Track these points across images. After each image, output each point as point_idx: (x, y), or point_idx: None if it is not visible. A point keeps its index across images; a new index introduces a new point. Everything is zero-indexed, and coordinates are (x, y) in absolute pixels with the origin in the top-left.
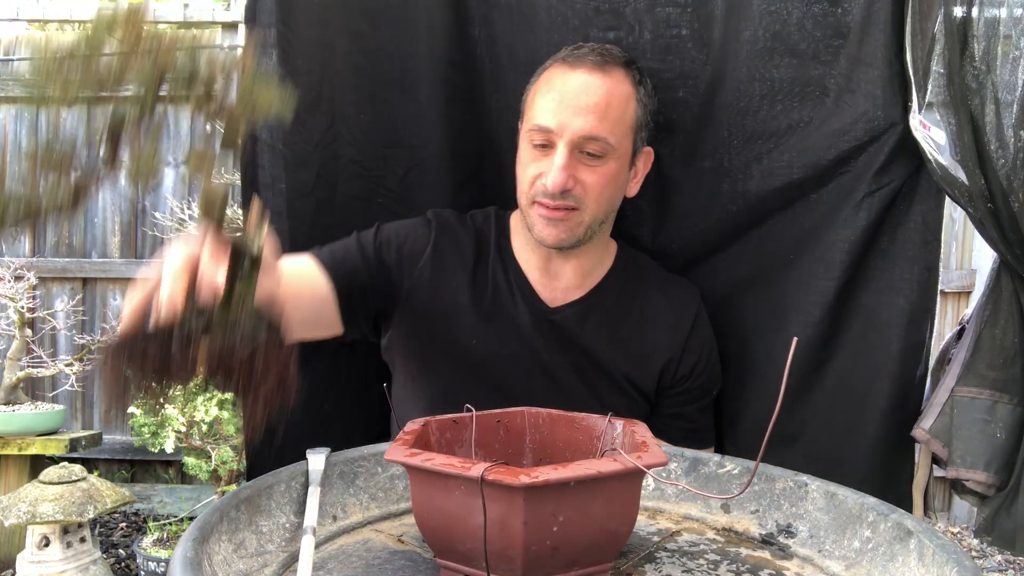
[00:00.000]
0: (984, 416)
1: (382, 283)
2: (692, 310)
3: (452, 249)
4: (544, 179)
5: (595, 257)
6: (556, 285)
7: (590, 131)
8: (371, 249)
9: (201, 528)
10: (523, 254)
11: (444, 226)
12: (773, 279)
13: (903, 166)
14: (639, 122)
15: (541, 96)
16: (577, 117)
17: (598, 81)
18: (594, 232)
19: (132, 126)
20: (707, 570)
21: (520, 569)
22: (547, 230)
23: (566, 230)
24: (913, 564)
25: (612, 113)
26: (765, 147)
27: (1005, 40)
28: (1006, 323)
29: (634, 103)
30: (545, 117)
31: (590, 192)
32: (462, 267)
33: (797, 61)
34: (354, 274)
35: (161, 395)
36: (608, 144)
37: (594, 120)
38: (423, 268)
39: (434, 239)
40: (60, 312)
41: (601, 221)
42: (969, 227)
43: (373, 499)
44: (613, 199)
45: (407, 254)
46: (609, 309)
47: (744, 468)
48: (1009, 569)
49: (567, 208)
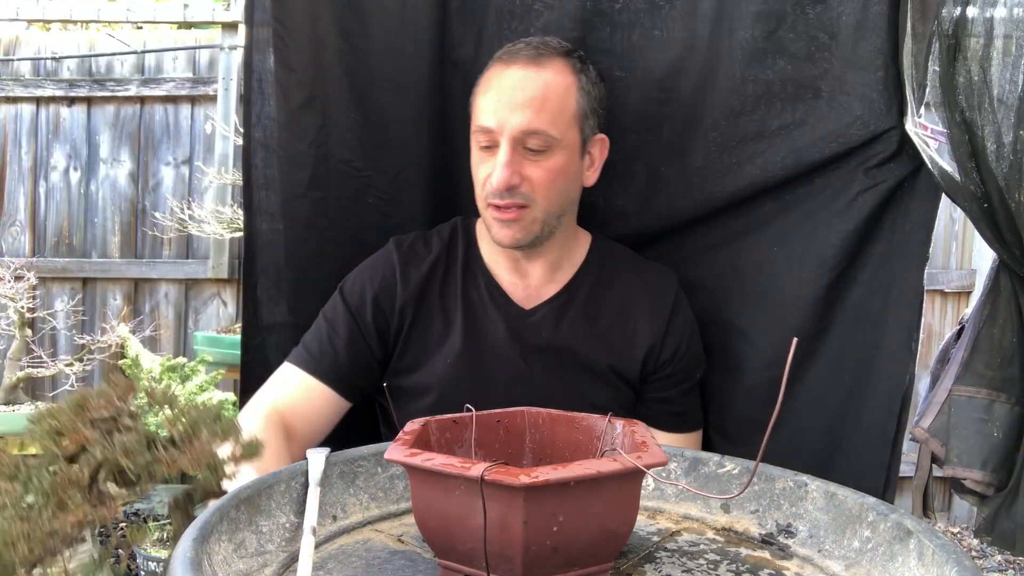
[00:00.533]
0: (981, 415)
1: (379, 344)
2: (671, 294)
3: (418, 274)
4: (491, 179)
5: (563, 251)
6: (528, 283)
7: (528, 126)
8: (356, 324)
9: (201, 528)
10: (492, 258)
11: (407, 254)
12: (760, 273)
13: (899, 166)
14: (583, 110)
15: (481, 97)
16: (514, 114)
17: (532, 75)
18: (552, 227)
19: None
20: (707, 570)
21: (520, 569)
22: (502, 232)
23: (520, 229)
24: (913, 564)
25: (550, 105)
26: (758, 147)
27: (1002, 41)
28: (1004, 323)
29: (575, 92)
30: (486, 117)
31: (538, 187)
32: (431, 290)
33: (790, 62)
34: (358, 364)
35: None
36: (550, 137)
37: (531, 114)
38: (403, 306)
39: (400, 272)
40: (60, 312)
41: (558, 215)
42: (969, 227)
43: (373, 499)
44: (566, 191)
45: (384, 301)
46: (586, 302)
47: (744, 468)
48: (1009, 569)
49: (517, 207)
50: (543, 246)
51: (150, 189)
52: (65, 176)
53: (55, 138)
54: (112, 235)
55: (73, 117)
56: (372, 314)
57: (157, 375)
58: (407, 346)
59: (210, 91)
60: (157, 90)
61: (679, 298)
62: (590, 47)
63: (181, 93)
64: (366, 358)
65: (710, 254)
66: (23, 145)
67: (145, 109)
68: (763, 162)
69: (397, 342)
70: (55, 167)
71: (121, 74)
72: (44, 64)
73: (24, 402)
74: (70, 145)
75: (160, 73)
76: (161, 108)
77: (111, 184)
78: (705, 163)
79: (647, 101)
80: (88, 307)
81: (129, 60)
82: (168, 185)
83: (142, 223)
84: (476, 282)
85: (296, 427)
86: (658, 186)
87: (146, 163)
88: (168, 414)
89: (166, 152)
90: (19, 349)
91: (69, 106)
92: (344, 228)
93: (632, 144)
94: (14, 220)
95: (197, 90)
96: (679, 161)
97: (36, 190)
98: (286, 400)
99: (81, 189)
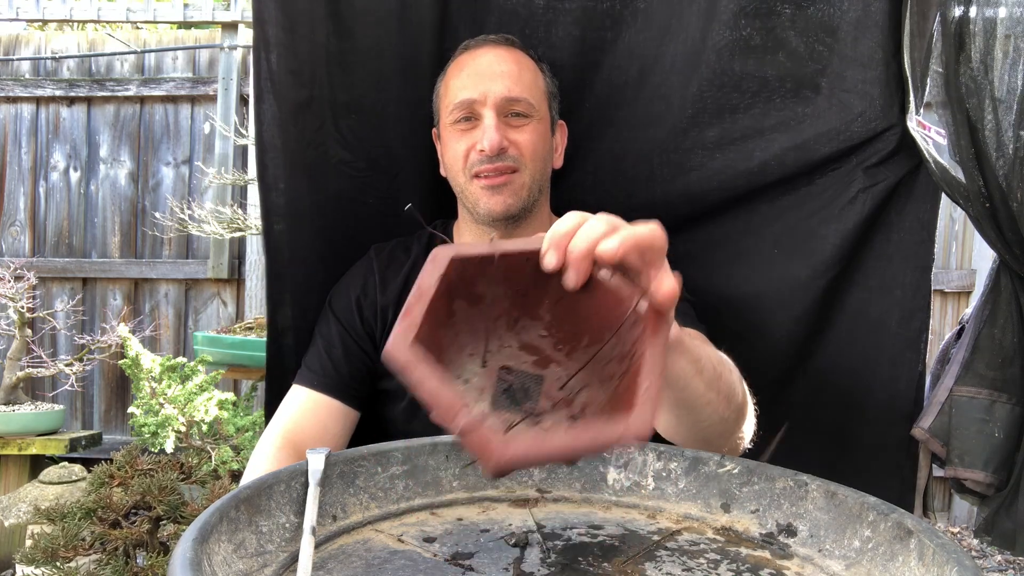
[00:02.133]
0: (982, 415)
1: (372, 347)
2: None
3: (398, 278)
4: (480, 145)
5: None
6: None
7: (510, 92)
8: (348, 332)
9: (200, 528)
10: None
11: (387, 260)
12: (758, 273)
13: (899, 165)
14: (550, 91)
15: (455, 80)
16: (495, 82)
17: (506, 53)
18: (535, 198)
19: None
20: (707, 569)
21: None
22: (493, 199)
23: (511, 194)
24: (913, 564)
25: (526, 77)
26: (757, 144)
27: (1003, 40)
28: (1005, 323)
29: (540, 75)
30: (465, 91)
31: (525, 150)
32: (407, 291)
33: (789, 58)
34: (358, 371)
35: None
36: (530, 104)
37: (511, 83)
38: (383, 309)
39: (379, 277)
40: (60, 312)
41: (540, 187)
42: (969, 227)
43: (373, 499)
44: (545, 163)
45: (367, 306)
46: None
47: (744, 468)
48: (1009, 569)
49: (509, 170)
50: (520, 227)
51: (150, 189)
52: (65, 176)
53: (55, 138)
54: (112, 235)
55: (73, 117)
56: (359, 319)
57: (157, 375)
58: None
59: (210, 91)
60: (157, 90)
61: None
62: (590, 46)
63: (181, 93)
64: (363, 363)
65: (708, 254)
66: (23, 145)
67: (145, 109)
68: (762, 159)
69: (380, 344)
70: (55, 167)
71: (121, 74)
72: (44, 64)
73: (24, 402)
74: (70, 145)
75: (160, 73)
76: (161, 108)
77: (111, 184)
78: (703, 160)
79: (643, 99)
80: (88, 307)
81: (129, 60)
82: (168, 185)
83: (142, 223)
84: None
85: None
86: (653, 184)
87: (146, 163)
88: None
89: (166, 152)
90: (19, 349)
91: (69, 106)
92: (346, 229)
93: (626, 142)
94: (14, 220)
95: (197, 90)
96: (675, 159)
97: (36, 190)
98: (296, 423)
99: (81, 189)
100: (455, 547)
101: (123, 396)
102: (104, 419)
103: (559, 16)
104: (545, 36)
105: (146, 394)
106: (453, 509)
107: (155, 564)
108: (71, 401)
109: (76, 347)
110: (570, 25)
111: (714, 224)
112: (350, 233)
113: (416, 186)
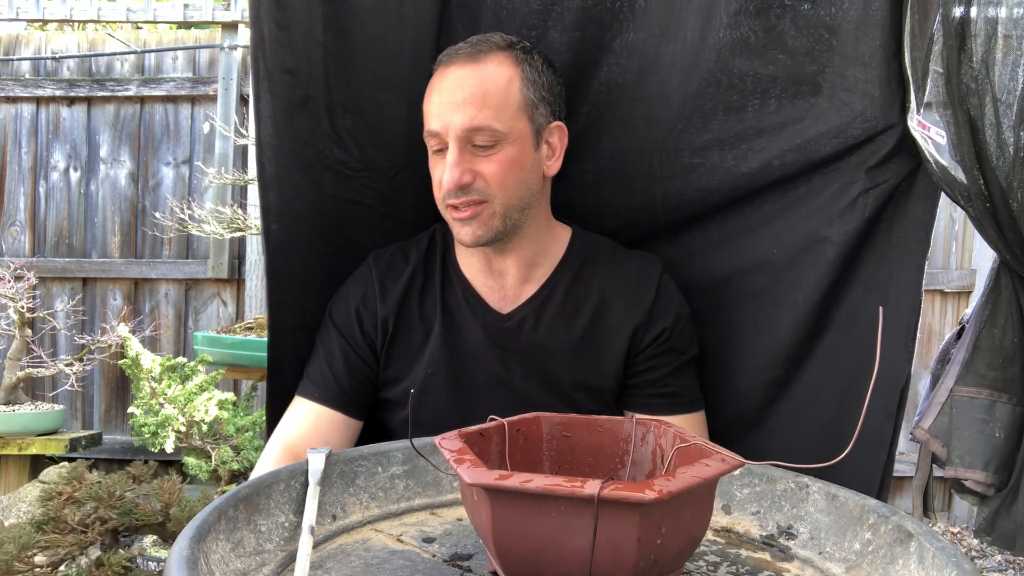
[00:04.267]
0: (983, 416)
1: (372, 358)
2: (652, 283)
3: (397, 287)
4: (443, 180)
5: (537, 247)
6: (505, 284)
7: (470, 123)
8: (348, 343)
9: (199, 527)
10: (467, 261)
11: (386, 268)
12: (759, 274)
13: (900, 165)
14: (530, 100)
15: (427, 103)
16: (455, 113)
17: (469, 73)
18: (516, 221)
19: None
20: (707, 571)
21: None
22: (463, 231)
23: (480, 225)
24: (913, 567)
25: (492, 100)
26: (757, 144)
27: (1004, 40)
28: (1005, 323)
29: (519, 83)
30: (431, 122)
31: (492, 181)
32: (410, 302)
33: (790, 58)
34: (359, 381)
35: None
36: (495, 131)
37: (472, 111)
38: (384, 319)
39: (379, 287)
40: (60, 312)
41: (520, 208)
42: (969, 227)
43: (373, 499)
44: (524, 184)
45: (366, 316)
46: (564, 300)
47: (744, 469)
48: (1009, 569)
49: (474, 203)
50: (512, 242)
51: (150, 189)
52: (65, 176)
53: (55, 138)
54: (112, 235)
55: (73, 117)
56: (359, 330)
57: (157, 375)
58: (390, 359)
59: (210, 91)
60: (157, 90)
61: (663, 285)
62: (589, 44)
63: (181, 93)
64: (364, 374)
65: (708, 255)
66: (23, 145)
67: (145, 109)
68: (762, 159)
69: (381, 355)
70: (55, 167)
71: (121, 74)
72: (44, 64)
73: (24, 402)
74: (70, 145)
75: (160, 73)
76: (161, 108)
77: (111, 184)
78: (703, 160)
79: (643, 98)
80: (88, 307)
81: (129, 60)
82: (168, 185)
83: (142, 223)
84: (453, 290)
85: None
86: (653, 184)
87: (146, 163)
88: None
89: (166, 152)
90: (19, 349)
91: (69, 106)
92: (344, 229)
93: (626, 141)
94: (14, 220)
95: (197, 90)
96: (675, 158)
97: (36, 190)
98: (298, 434)
99: (81, 189)
100: (454, 547)
101: (123, 396)
102: (104, 419)
103: (558, 14)
104: (543, 34)
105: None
106: (453, 509)
107: (111, 561)
108: (71, 401)
109: (76, 347)
110: (569, 24)
111: (714, 224)
112: (348, 234)
113: (414, 187)
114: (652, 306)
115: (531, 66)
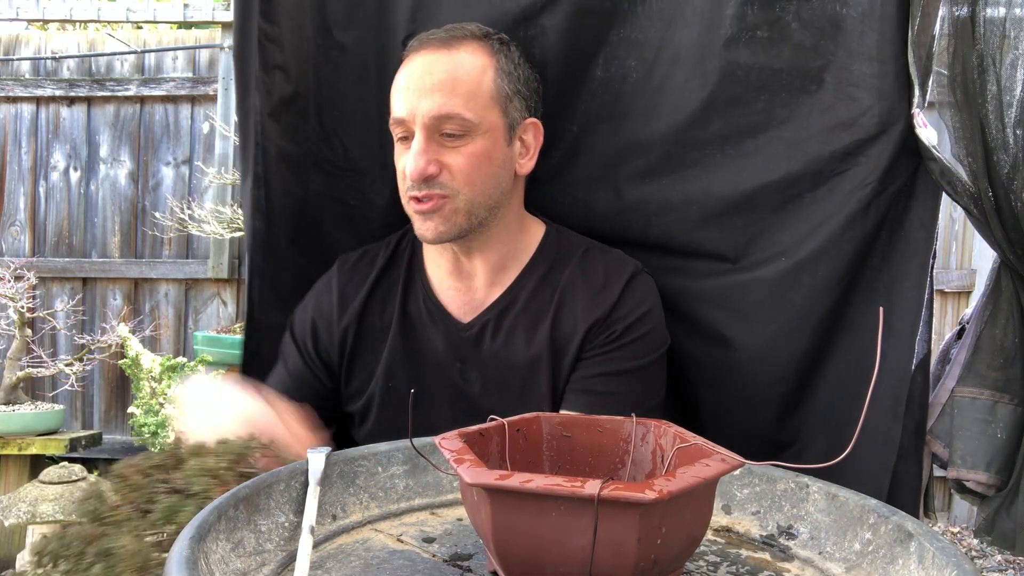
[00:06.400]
0: (985, 416)
1: (326, 374)
2: (620, 281)
3: (359, 296)
4: (406, 170)
5: (507, 248)
6: (472, 287)
7: (439, 110)
8: (302, 355)
9: (198, 527)
10: (434, 261)
11: (348, 275)
12: (768, 279)
13: (906, 164)
14: (504, 92)
15: (393, 89)
16: (424, 99)
17: (441, 58)
18: (482, 219)
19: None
20: (707, 571)
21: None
22: (424, 226)
23: (442, 221)
24: (913, 567)
25: (463, 87)
26: (762, 139)
27: (1006, 40)
28: (1006, 323)
29: (492, 73)
30: (397, 108)
31: (457, 175)
32: (372, 311)
33: (795, 52)
34: (309, 396)
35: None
36: (466, 120)
37: (442, 98)
38: (343, 332)
39: (338, 298)
40: (60, 312)
41: (488, 206)
42: (969, 227)
43: (373, 498)
44: (493, 180)
45: (323, 330)
46: (526, 305)
47: (744, 469)
48: (1009, 569)
49: (438, 196)
50: (478, 242)
51: (150, 189)
52: (65, 176)
53: (55, 138)
54: (112, 235)
55: (73, 117)
56: (314, 344)
57: (157, 375)
58: (352, 372)
59: (210, 91)
60: (157, 90)
61: (633, 286)
62: (587, 37)
63: (181, 93)
64: (318, 392)
65: (709, 253)
66: (23, 145)
67: (145, 109)
68: (767, 155)
69: (342, 369)
70: (55, 167)
71: (121, 74)
72: (44, 64)
73: (24, 402)
74: (70, 145)
75: (160, 73)
76: (161, 108)
77: (111, 184)
78: (704, 156)
79: (645, 92)
80: (88, 307)
81: (129, 60)
82: (168, 185)
83: (142, 223)
84: (416, 296)
85: None
86: (650, 181)
87: (146, 163)
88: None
89: (166, 152)
90: (19, 349)
91: (69, 106)
92: (328, 228)
93: (625, 136)
94: (14, 220)
95: (197, 90)
96: (676, 153)
97: (36, 190)
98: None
99: (81, 189)
100: (454, 547)
101: (123, 396)
102: (104, 419)
103: (555, 5)
104: (539, 28)
105: (146, 394)
106: (453, 509)
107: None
108: (71, 401)
109: (76, 347)
110: (567, 15)
111: (715, 223)
112: (332, 233)
113: (394, 190)
114: (614, 306)
115: (507, 57)
